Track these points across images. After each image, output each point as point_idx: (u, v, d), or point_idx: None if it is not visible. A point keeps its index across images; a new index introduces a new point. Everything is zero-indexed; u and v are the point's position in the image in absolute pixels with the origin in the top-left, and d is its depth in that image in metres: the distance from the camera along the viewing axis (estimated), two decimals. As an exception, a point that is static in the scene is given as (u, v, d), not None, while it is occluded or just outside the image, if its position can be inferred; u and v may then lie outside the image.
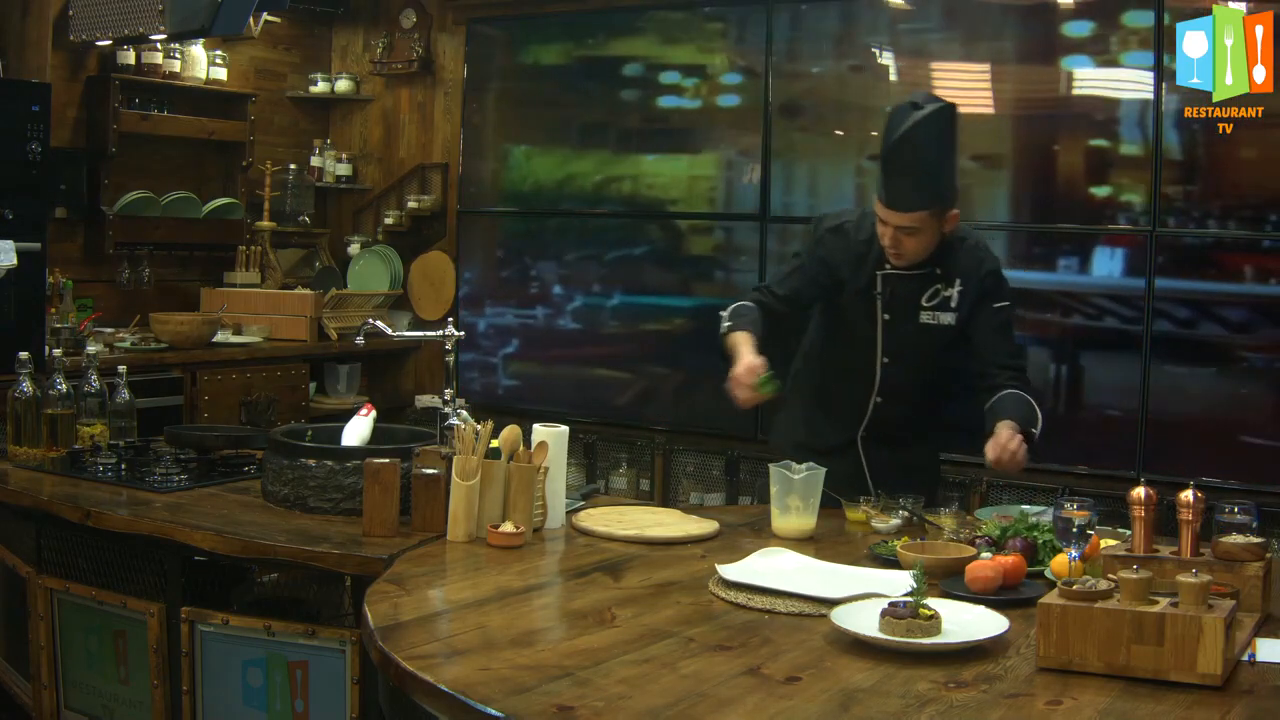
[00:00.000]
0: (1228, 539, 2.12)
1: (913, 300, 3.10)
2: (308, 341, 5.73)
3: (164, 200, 5.63)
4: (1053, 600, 1.89)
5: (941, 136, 2.95)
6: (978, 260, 3.11)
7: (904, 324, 3.12)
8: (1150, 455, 4.63)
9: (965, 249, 3.11)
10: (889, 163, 2.95)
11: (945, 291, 3.09)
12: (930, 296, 3.10)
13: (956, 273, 3.09)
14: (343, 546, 2.57)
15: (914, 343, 3.14)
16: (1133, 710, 1.74)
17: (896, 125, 2.92)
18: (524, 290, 6.08)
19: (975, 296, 3.09)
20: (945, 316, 3.10)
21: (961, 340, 3.12)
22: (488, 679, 1.81)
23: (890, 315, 3.12)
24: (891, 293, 3.11)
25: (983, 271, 3.10)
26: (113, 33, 4.71)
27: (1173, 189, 4.58)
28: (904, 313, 3.11)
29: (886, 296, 3.11)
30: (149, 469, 3.16)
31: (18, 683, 3.23)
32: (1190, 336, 4.60)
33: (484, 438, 2.67)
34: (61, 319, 4.97)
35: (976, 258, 3.11)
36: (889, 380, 3.18)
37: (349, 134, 6.63)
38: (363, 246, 6.43)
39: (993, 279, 3.11)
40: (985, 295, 3.09)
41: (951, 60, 5.06)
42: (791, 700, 1.76)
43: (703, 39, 5.59)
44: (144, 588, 2.85)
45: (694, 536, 2.75)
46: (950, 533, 2.65)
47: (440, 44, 6.35)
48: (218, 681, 2.76)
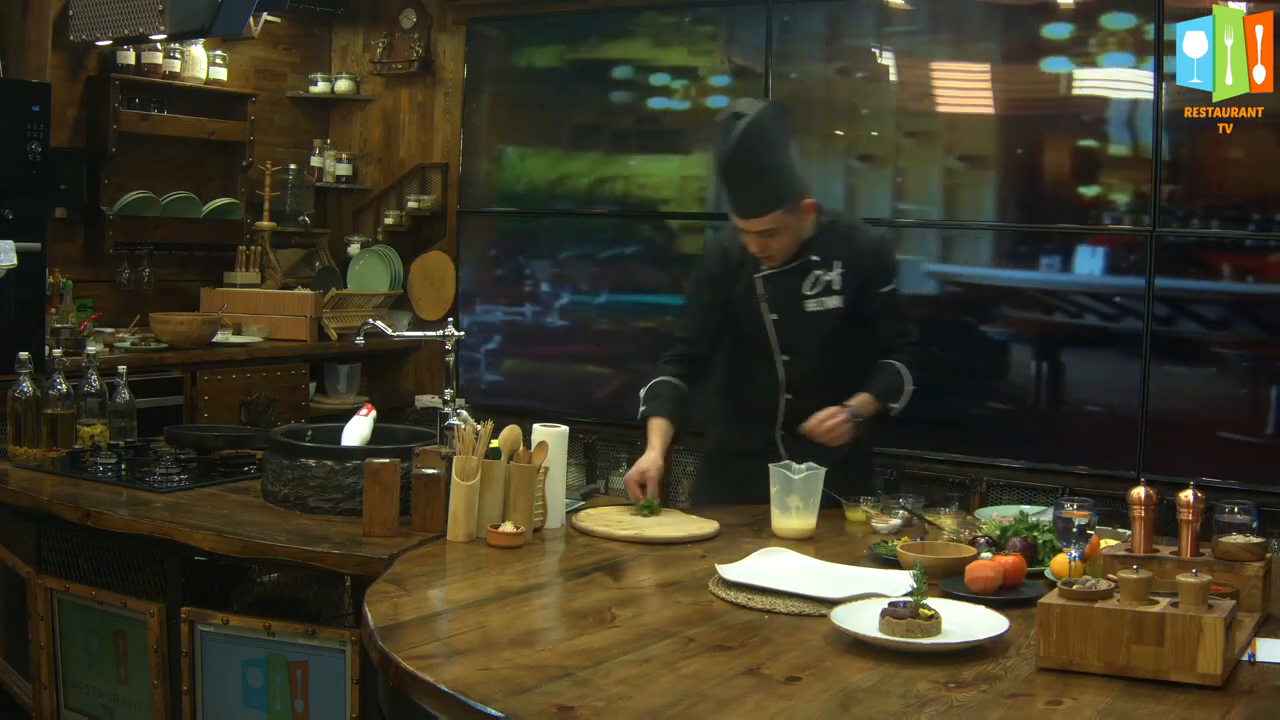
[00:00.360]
0: (1228, 539, 2.12)
1: (795, 292, 3.16)
2: (308, 341, 5.73)
3: (164, 200, 5.63)
4: (1053, 600, 1.89)
5: (771, 136, 2.99)
6: (853, 240, 3.19)
7: (792, 318, 3.18)
8: (1150, 455, 4.63)
9: (838, 232, 3.18)
10: (729, 175, 3.01)
11: (826, 276, 3.16)
12: (812, 284, 3.16)
13: (834, 255, 3.16)
14: (343, 546, 2.57)
15: (807, 334, 3.19)
16: (1133, 710, 1.74)
17: (727, 138, 2.96)
18: (524, 290, 6.08)
19: (859, 278, 3.16)
20: (831, 300, 3.17)
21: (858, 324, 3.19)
22: (488, 679, 1.81)
23: (777, 314, 3.18)
24: (773, 291, 3.17)
25: (861, 251, 3.17)
26: (113, 33, 4.70)
27: (1173, 189, 4.58)
28: (790, 307, 3.17)
29: (769, 296, 3.18)
30: (149, 469, 3.16)
31: (18, 683, 3.23)
32: (1190, 336, 4.60)
33: (484, 438, 2.67)
34: (61, 319, 4.97)
35: (852, 238, 3.19)
36: (794, 376, 3.23)
37: (349, 134, 6.63)
38: (363, 246, 6.43)
39: (872, 257, 3.18)
40: (869, 277, 3.17)
41: (951, 60, 5.06)
42: (791, 700, 1.76)
43: (701, 39, 5.59)
44: (144, 588, 2.85)
45: (694, 536, 2.75)
46: (950, 533, 2.65)
47: (440, 44, 6.35)
48: (218, 681, 2.76)
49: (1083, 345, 4.80)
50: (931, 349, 3.23)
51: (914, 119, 5.09)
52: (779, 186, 3.00)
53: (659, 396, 3.20)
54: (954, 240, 5.04)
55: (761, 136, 2.96)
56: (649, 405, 3.20)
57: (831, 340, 3.19)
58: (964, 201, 5.02)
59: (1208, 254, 4.57)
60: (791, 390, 3.23)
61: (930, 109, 5.07)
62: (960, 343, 5.01)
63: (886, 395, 3.14)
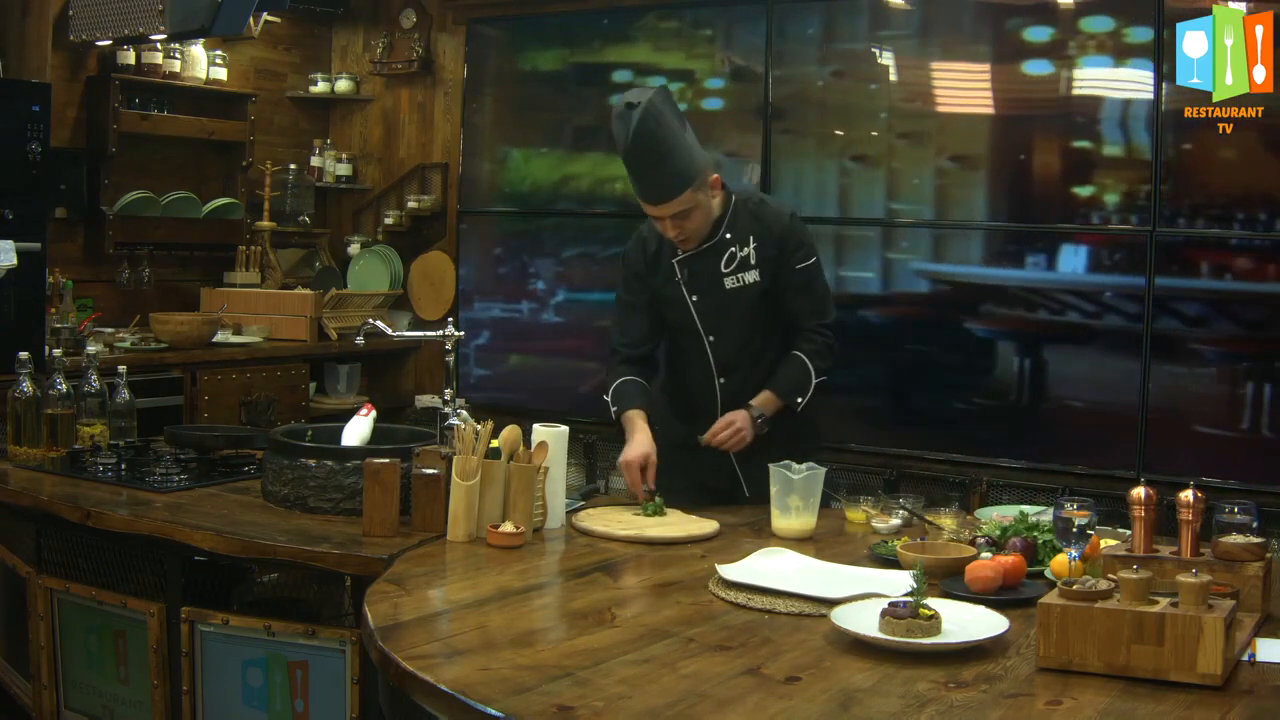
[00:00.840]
0: (1228, 539, 2.12)
1: (713, 271, 3.20)
2: (308, 341, 5.73)
3: (164, 200, 5.63)
4: (1053, 600, 1.89)
5: (666, 120, 3.03)
6: (766, 217, 3.21)
7: (712, 297, 3.21)
8: (1150, 455, 4.63)
9: (750, 209, 3.21)
10: (633, 166, 3.04)
11: (741, 252, 3.18)
12: (728, 261, 3.19)
13: (748, 232, 3.19)
14: (343, 546, 2.57)
15: (728, 311, 3.22)
16: (1133, 710, 1.74)
17: (624, 130, 3.00)
18: (524, 290, 6.09)
19: (774, 253, 3.18)
20: (749, 275, 3.19)
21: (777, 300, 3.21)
22: (488, 679, 1.81)
23: (697, 294, 3.22)
24: (691, 273, 3.21)
25: (776, 226, 3.19)
26: (113, 33, 4.70)
27: (1173, 189, 4.58)
28: (709, 287, 3.21)
29: (687, 279, 3.22)
30: (149, 469, 3.16)
31: (18, 683, 3.23)
32: (1190, 336, 4.60)
33: (484, 438, 2.67)
34: (61, 319, 4.97)
35: (761, 214, 3.21)
36: (722, 358, 3.25)
37: (349, 134, 6.63)
38: (363, 246, 6.43)
39: (786, 232, 3.20)
40: (786, 252, 3.18)
41: (949, 61, 5.06)
42: (791, 700, 1.76)
43: (701, 39, 5.59)
44: (144, 588, 2.85)
45: (694, 536, 2.75)
46: (950, 533, 2.65)
47: (440, 44, 6.35)
48: (218, 681, 2.76)
49: (1083, 345, 4.80)
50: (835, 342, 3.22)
51: (913, 119, 5.09)
52: (683, 168, 3.04)
53: (626, 394, 3.22)
54: (952, 240, 5.04)
55: (658, 122, 3.00)
56: (620, 404, 3.21)
57: (753, 317, 3.22)
58: (962, 202, 5.02)
59: (1208, 254, 4.57)
60: (723, 373, 3.26)
61: (929, 109, 5.07)
62: (959, 343, 5.02)
63: (791, 392, 3.16)
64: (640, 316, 3.31)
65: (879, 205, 5.17)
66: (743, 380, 3.23)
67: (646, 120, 2.98)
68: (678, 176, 3.03)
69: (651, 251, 3.27)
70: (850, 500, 2.97)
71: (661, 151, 3.00)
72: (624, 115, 3.01)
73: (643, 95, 3.02)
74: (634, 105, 3.00)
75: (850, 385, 5.17)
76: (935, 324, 5.07)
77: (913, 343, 5.12)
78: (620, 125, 3.01)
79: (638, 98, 3.01)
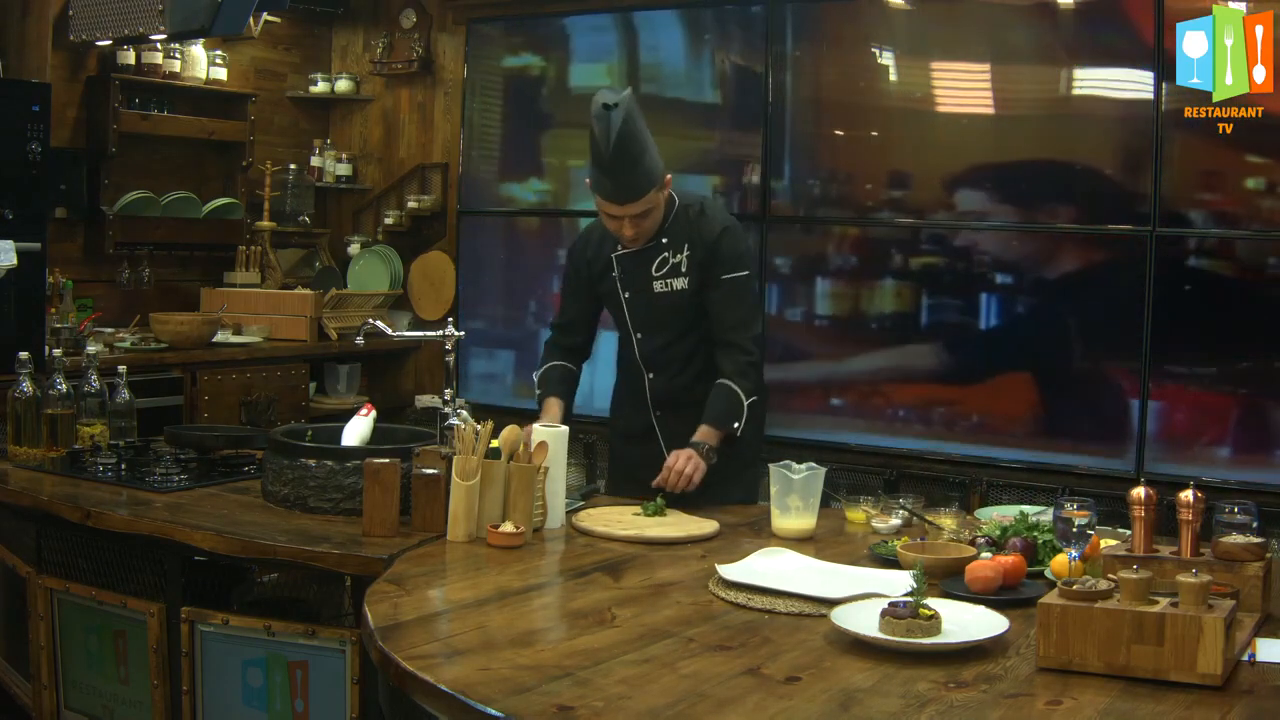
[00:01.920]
0: (1228, 539, 2.12)
1: (644, 271, 3.26)
2: (308, 341, 5.73)
3: (164, 200, 5.63)
4: (1053, 600, 1.89)
5: (639, 122, 3.07)
6: (703, 225, 3.24)
7: (642, 297, 3.29)
8: (1150, 455, 4.64)
9: (691, 216, 3.25)
10: (612, 166, 3.05)
11: (674, 259, 3.24)
12: (659, 266, 3.24)
13: (684, 238, 3.23)
14: (343, 546, 2.57)
15: (655, 313, 3.29)
16: (1133, 710, 1.74)
17: (606, 131, 3.01)
18: (524, 290, 6.08)
19: (704, 262, 3.21)
20: (678, 282, 3.24)
21: (704, 308, 3.25)
22: (488, 679, 1.81)
23: (629, 292, 3.30)
24: (624, 271, 3.28)
25: (710, 236, 3.22)
26: (113, 33, 4.70)
27: (1173, 189, 4.58)
28: (639, 286, 3.28)
29: (621, 275, 3.29)
30: (149, 469, 3.16)
31: (18, 683, 3.23)
32: (1190, 336, 4.60)
33: (484, 438, 2.67)
34: (61, 319, 4.97)
35: (702, 223, 3.24)
36: (649, 355, 3.33)
37: (349, 134, 6.63)
38: (363, 246, 6.42)
39: (719, 244, 3.22)
40: (716, 262, 3.22)
41: (950, 60, 5.06)
42: (791, 700, 1.76)
43: (701, 39, 5.59)
44: (144, 588, 2.85)
45: (694, 536, 2.75)
46: (950, 533, 2.65)
47: (440, 44, 6.35)
48: (218, 681, 2.76)
49: (1082, 345, 4.80)
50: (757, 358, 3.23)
51: (913, 119, 5.09)
52: (651, 168, 3.10)
53: (549, 380, 3.39)
54: (952, 241, 5.04)
55: (634, 125, 3.03)
56: (543, 389, 3.37)
57: (680, 321, 3.27)
58: (962, 202, 5.01)
59: (1208, 254, 4.57)
60: (650, 369, 3.34)
61: (929, 109, 5.07)
62: (958, 343, 5.02)
63: (725, 419, 3.14)
64: (576, 305, 3.43)
65: (879, 205, 5.16)
66: (670, 378, 3.32)
67: (627, 121, 3.01)
68: (646, 176, 3.08)
69: (595, 241, 3.34)
70: (850, 500, 2.97)
71: (636, 152, 3.04)
72: (603, 115, 3.02)
73: (618, 95, 3.04)
74: (612, 106, 3.01)
75: (850, 385, 5.18)
76: (935, 324, 5.07)
77: (913, 342, 5.12)
78: (600, 125, 3.02)
79: (614, 98, 3.03)
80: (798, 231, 5.36)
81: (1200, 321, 4.58)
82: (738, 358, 3.19)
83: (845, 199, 5.27)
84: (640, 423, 3.39)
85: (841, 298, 5.28)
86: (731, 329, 3.22)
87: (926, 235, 5.09)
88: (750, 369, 3.20)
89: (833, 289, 5.30)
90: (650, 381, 3.35)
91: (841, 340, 5.28)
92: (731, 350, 3.20)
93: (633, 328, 3.33)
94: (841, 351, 5.27)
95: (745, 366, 3.19)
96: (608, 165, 3.06)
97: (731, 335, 3.21)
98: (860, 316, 5.23)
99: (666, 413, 3.35)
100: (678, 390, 3.31)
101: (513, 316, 6.17)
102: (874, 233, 5.19)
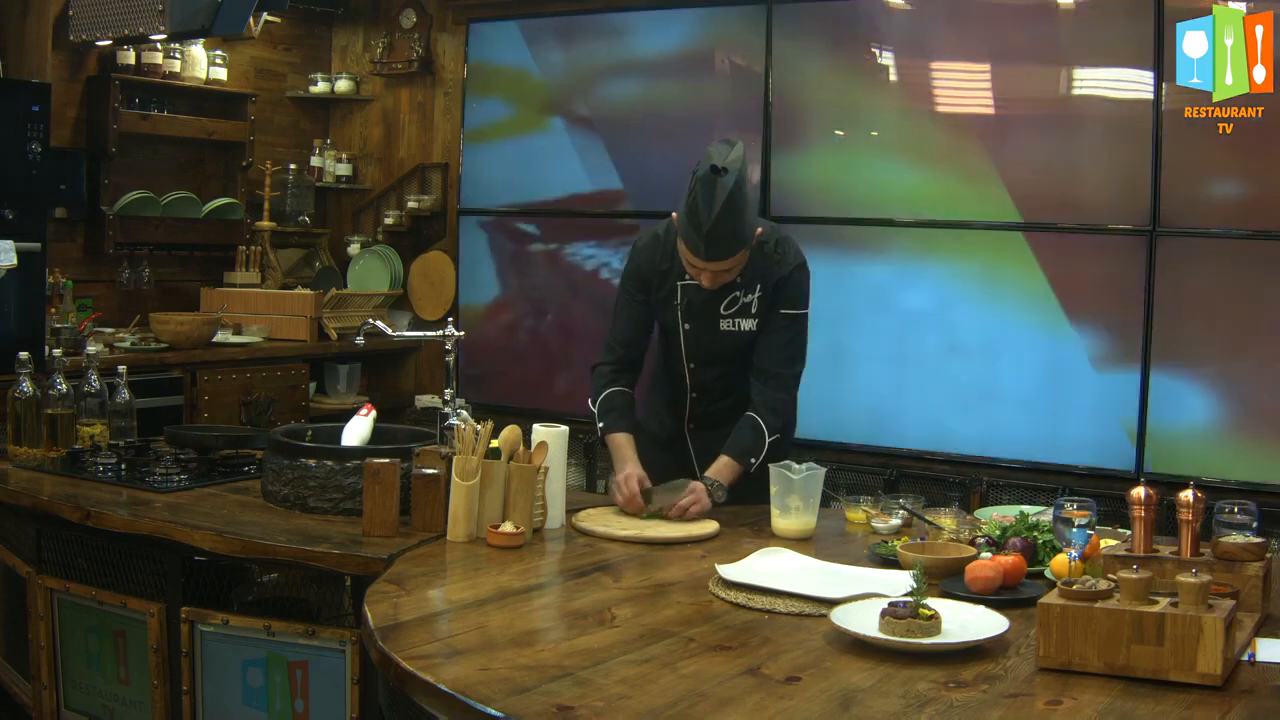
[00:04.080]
0: (1228, 539, 2.12)
1: (712, 309, 3.12)
2: (308, 341, 5.73)
3: (164, 200, 5.63)
4: (1053, 600, 1.89)
5: (745, 187, 2.92)
6: (776, 263, 3.10)
7: (704, 332, 3.15)
8: (1150, 455, 4.64)
9: (765, 254, 3.09)
10: (710, 233, 2.87)
11: (745, 299, 3.11)
12: (729, 304, 3.12)
13: (757, 279, 3.09)
14: (343, 546, 2.57)
15: (716, 349, 3.17)
16: (1133, 710, 1.74)
17: (710, 197, 2.84)
18: (523, 289, 6.08)
19: (771, 300, 3.11)
20: (746, 323, 3.13)
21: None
22: (488, 679, 1.81)
23: (690, 324, 3.16)
24: (689, 302, 3.14)
25: (780, 274, 3.09)
26: (113, 33, 4.70)
27: (1173, 189, 4.58)
28: (704, 321, 3.14)
29: (684, 306, 3.15)
30: (149, 469, 3.16)
31: (18, 683, 3.23)
32: (1190, 336, 4.60)
33: (484, 438, 2.67)
34: (61, 319, 4.97)
35: (775, 261, 3.10)
36: (699, 381, 3.23)
37: (349, 134, 6.63)
38: (363, 246, 6.43)
39: (788, 281, 3.10)
40: (779, 300, 3.10)
41: (950, 60, 5.06)
42: (791, 700, 1.76)
43: (701, 39, 5.59)
44: (144, 588, 2.85)
45: (694, 536, 2.75)
46: (950, 533, 2.65)
47: (440, 44, 6.35)
48: (218, 681, 2.76)
49: (1082, 345, 4.80)
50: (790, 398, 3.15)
51: (913, 119, 5.09)
52: (746, 228, 2.95)
53: (614, 410, 3.16)
54: (952, 241, 5.04)
55: (742, 190, 2.88)
56: (607, 421, 3.15)
57: (737, 357, 3.17)
58: (962, 202, 5.01)
59: (1207, 254, 4.57)
60: (696, 391, 3.25)
61: (929, 109, 5.07)
62: (958, 343, 5.02)
63: (744, 455, 3.04)
64: (638, 317, 3.25)
65: (879, 205, 5.16)
66: (715, 400, 3.23)
67: (736, 188, 2.84)
68: (739, 239, 2.93)
69: (662, 264, 3.16)
70: (850, 500, 2.97)
71: (736, 218, 2.88)
72: (709, 180, 2.84)
73: (726, 156, 2.87)
74: (721, 171, 2.84)
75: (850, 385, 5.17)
76: (935, 324, 5.07)
77: (912, 342, 5.12)
78: (705, 190, 2.84)
79: (722, 159, 2.86)
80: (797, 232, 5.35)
81: (1200, 321, 4.58)
82: (774, 394, 3.10)
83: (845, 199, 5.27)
84: (674, 432, 3.29)
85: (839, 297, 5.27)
86: (776, 363, 3.11)
87: (926, 235, 5.08)
88: (783, 407, 3.11)
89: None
90: (693, 400, 3.25)
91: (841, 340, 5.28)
92: (770, 383, 3.11)
93: (687, 357, 3.19)
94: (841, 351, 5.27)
95: (778, 403, 3.10)
96: (704, 230, 2.87)
97: (773, 368, 3.11)
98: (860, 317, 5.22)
99: (700, 425, 3.27)
100: (721, 410, 3.21)
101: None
102: (874, 232, 5.18)
